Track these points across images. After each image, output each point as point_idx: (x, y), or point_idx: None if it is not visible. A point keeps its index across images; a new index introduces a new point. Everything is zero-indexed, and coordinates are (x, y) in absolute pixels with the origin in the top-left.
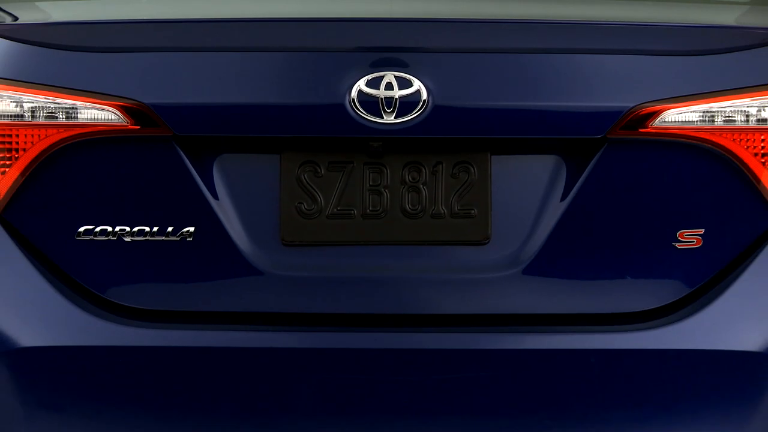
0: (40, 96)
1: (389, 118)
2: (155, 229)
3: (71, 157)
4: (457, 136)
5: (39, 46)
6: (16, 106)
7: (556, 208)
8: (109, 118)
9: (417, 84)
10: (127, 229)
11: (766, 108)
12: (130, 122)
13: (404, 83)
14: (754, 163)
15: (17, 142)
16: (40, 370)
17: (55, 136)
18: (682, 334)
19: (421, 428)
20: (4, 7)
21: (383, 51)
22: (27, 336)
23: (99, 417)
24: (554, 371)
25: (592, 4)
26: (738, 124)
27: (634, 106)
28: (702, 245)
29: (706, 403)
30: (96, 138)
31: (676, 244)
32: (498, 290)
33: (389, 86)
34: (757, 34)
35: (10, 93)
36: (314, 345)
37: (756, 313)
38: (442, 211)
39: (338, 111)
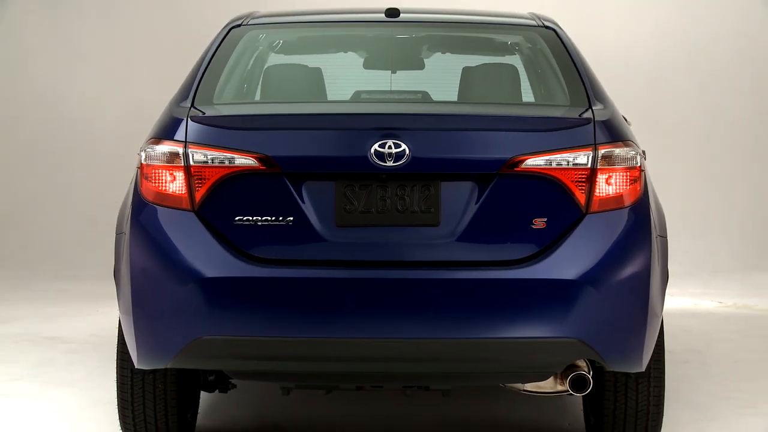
0: (215, 152)
1: (390, 163)
2: (272, 218)
3: (230, 182)
4: (423, 172)
5: (215, 127)
6: (204, 157)
7: (473, 208)
8: (250, 163)
9: (404, 146)
10: (259, 218)
11: (576, 158)
12: (260, 165)
13: (397, 146)
14: (571, 186)
15: (204, 175)
16: (214, 289)
17: (222, 172)
18: (536, 270)
19: (405, 316)
20: (197, 107)
21: (387, 129)
22: (208, 271)
23: (244, 313)
24: (472, 289)
25: (493, 105)
26: (563, 166)
27: (511, 157)
28: (545, 227)
29: (548, 306)
30: (243, 173)
31: (533, 226)
32: (443, 249)
33: (390, 147)
34: (571, 120)
35: (201, 150)
36: (353, 276)
37: (572, 261)
38: (416, 210)
39: (365, 160)
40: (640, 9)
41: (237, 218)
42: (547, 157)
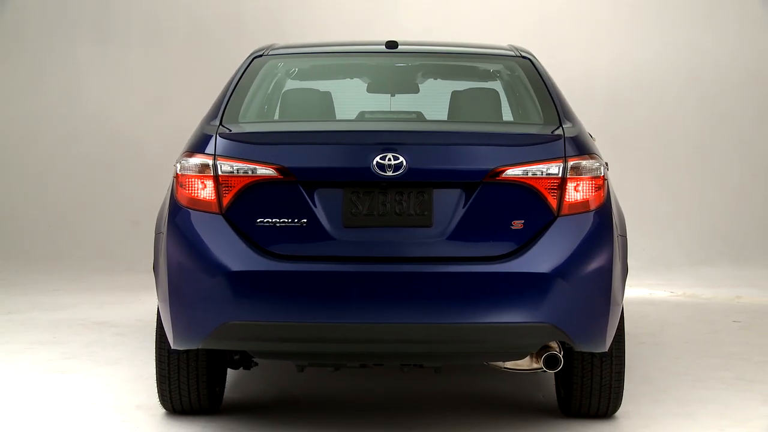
0: (240, 163)
1: (389, 173)
2: (289, 220)
3: (253, 189)
4: (418, 180)
5: (240, 142)
6: (230, 168)
7: (460, 211)
8: (270, 173)
9: (401, 159)
10: (277, 220)
11: (549, 168)
12: (278, 175)
13: (396, 158)
14: (544, 192)
15: (231, 183)
16: (239, 281)
17: (246, 180)
18: (515, 265)
19: (402, 304)
20: (225, 125)
21: (387, 144)
22: (234, 265)
23: (264, 301)
24: (460, 281)
25: (477, 123)
26: (537, 176)
27: (493, 168)
28: (523, 227)
29: (525, 296)
30: (264, 181)
31: (511, 226)
32: (435, 246)
33: (389, 159)
34: (544, 137)
35: (228, 162)
36: (358, 270)
37: (545, 257)
38: (412, 213)
39: (368, 170)
40: (599, 42)
41: (258, 220)
42: (524, 168)
